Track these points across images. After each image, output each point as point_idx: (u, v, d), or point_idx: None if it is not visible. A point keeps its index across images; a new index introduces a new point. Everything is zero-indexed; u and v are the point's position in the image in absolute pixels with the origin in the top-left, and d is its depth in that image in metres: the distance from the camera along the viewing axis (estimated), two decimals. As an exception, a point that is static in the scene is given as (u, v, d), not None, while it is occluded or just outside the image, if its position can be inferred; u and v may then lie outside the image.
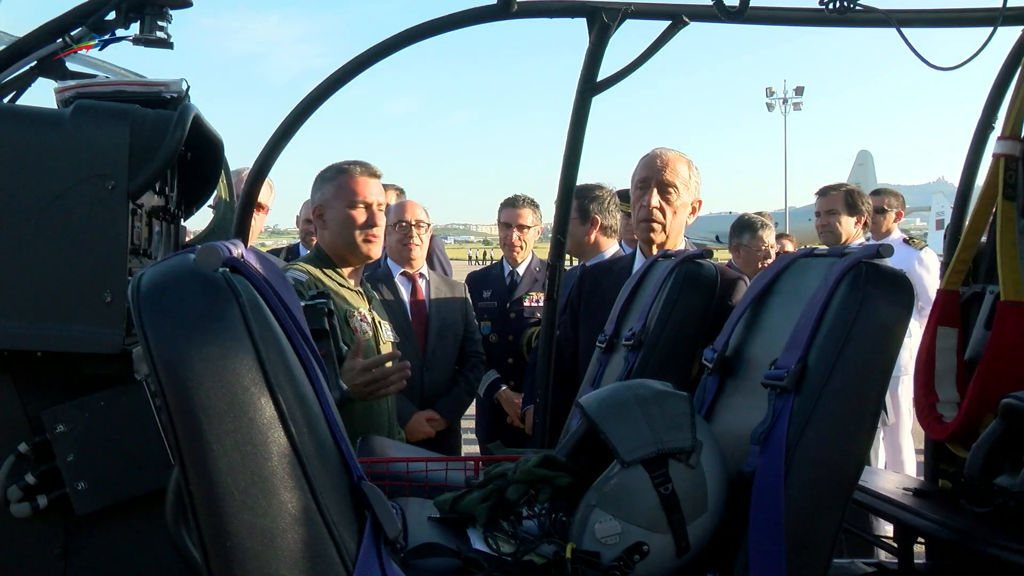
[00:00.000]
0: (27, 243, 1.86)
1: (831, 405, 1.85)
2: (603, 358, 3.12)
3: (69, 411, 1.91)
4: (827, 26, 3.17)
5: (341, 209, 3.47)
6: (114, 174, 1.88)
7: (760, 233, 6.26)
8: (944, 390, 2.84)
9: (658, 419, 1.91)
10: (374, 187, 3.53)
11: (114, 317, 1.86)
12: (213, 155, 2.44)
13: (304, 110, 2.90)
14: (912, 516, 2.43)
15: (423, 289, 4.84)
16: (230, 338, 1.29)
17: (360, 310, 3.51)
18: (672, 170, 3.48)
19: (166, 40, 2.34)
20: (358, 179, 3.50)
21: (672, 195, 3.47)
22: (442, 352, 4.75)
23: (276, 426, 1.31)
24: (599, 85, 3.38)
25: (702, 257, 2.91)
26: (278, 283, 1.54)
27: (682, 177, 3.47)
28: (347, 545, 1.36)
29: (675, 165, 3.49)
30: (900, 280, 1.91)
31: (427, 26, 2.92)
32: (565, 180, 3.65)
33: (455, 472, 2.67)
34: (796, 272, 2.23)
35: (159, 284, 1.32)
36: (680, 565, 1.87)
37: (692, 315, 2.80)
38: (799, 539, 1.81)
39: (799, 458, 1.83)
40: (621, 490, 1.85)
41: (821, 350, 1.87)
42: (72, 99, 2.03)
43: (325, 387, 1.51)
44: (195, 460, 1.27)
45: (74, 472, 1.91)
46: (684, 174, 3.48)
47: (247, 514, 1.27)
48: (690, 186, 3.50)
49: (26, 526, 1.94)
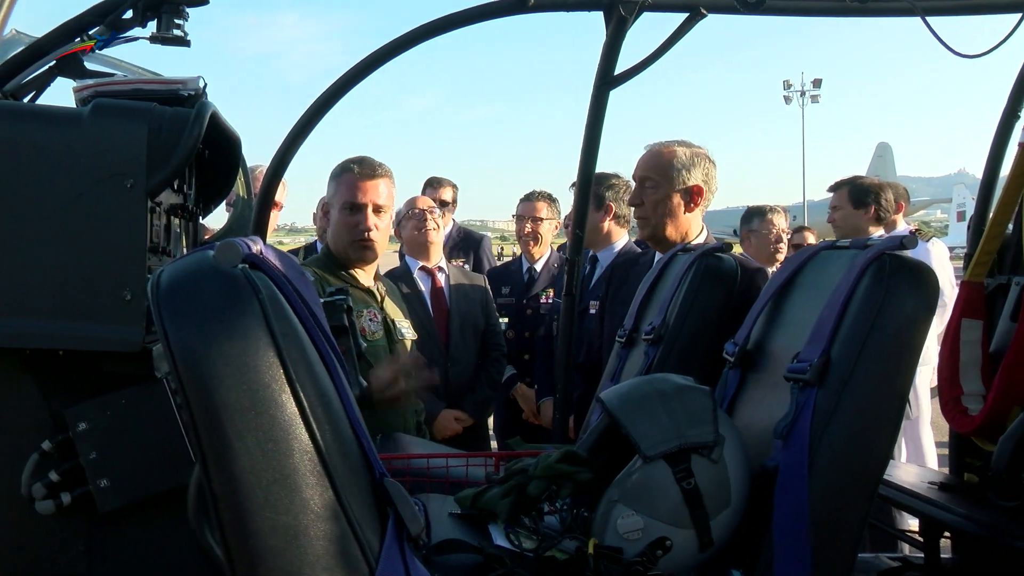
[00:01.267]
0: (47, 242, 1.87)
1: (855, 398, 1.83)
2: (623, 353, 3.10)
3: (91, 409, 1.92)
4: (848, 16, 3.13)
5: (338, 210, 3.47)
6: (133, 172, 1.89)
7: (769, 216, 6.22)
8: (969, 383, 2.81)
9: (680, 414, 1.89)
10: (371, 188, 3.46)
11: (134, 315, 1.86)
12: (231, 152, 2.44)
13: (321, 107, 2.90)
14: (938, 510, 2.41)
15: (443, 283, 4.79)
16: (250, 335, 1.29)
17: (370, 309, 3.50)
18: (645, 164, 3.45)
19: (183, 38, 2.33)
20: (355, 181, 3.46)
21: (648, 188, 3.42)
22: (464, 346, 4.72)
23: (298, 423, 1.30)
24: (616, 79, 3.36)
25: (722, 251, 2.89)
26: (297, 279, 1.54)
27: (658, 168, 3.40)
28: (370, 542, 1.35)
29: (651, 158, 3.45)
30: (924, 272, 1.89)
31: (444, 21, 2.91)
32: (583, 175, 3.63)
33: (475, 468, 2.67)
34: (818, 265, 2.21)
35: (179, 281, 1.32)
36: (703, 560, 1.86)
37: (712, 309, 2.78)
38: (824, 534, 1.80)
39: (823, 452, 1.82)
40: (643, 485, 1.84)
41: (844, 343, 1.85)
42: (90, 98, 2.03)
43: (346, 383, 1.51)
44: (216, 458, 1.27)
45: (97, 470, 1.91)
46: (662, 165, 3.40)
47: (269, 511, 1.27)
48: (673, 175, 3.38)
49: (50, 523, 1.95)
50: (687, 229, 3.44)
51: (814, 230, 7.76)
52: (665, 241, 3.45)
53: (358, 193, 3.44)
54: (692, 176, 3.38)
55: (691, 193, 3.39)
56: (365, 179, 3.46)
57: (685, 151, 3.41)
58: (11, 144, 1.88)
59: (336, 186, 3.50)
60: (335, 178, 3.51)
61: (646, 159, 3.46)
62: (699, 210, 3.44)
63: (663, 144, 3.47)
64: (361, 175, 3.47)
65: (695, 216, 3.44)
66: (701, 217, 3.49)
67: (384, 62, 2.90)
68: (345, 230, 3.45)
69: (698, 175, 3.39)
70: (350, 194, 3.44)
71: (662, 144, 3.48)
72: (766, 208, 6.31)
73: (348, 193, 3.45)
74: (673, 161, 3.39)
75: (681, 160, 3.38)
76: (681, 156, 3.39)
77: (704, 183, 3.41)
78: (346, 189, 3.46)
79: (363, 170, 3.48)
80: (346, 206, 3.44)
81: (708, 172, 3.43)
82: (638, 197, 3.45)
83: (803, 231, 7.66)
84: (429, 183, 6.41)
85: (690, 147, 3.44)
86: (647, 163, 3.45)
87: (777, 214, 6.29)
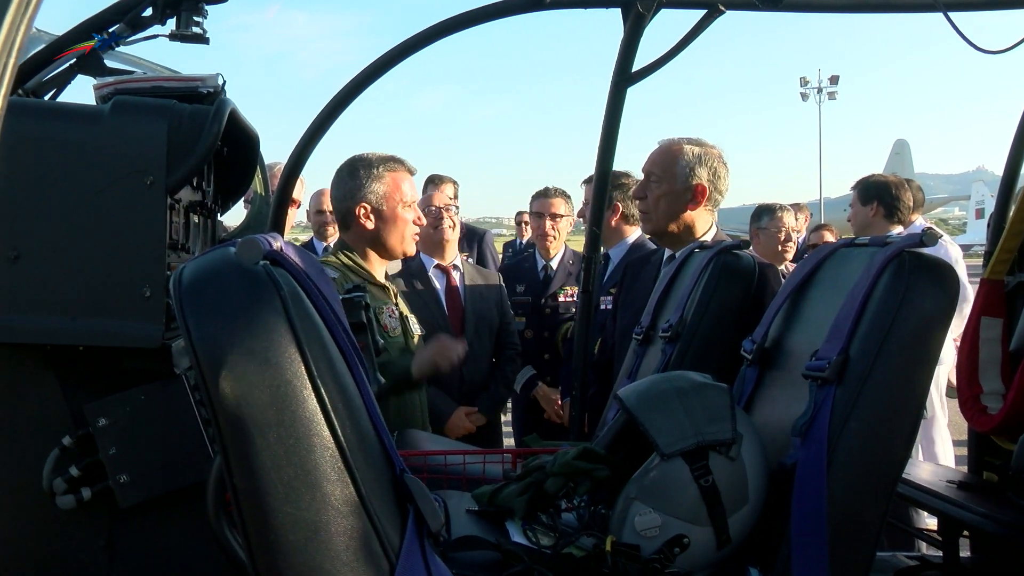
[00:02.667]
0: (67, 239, 1.88)
1: (874, 397, 1.82)
2: (639, 350, 3.09)
3: (111, 405, 1.93)
4: (868, 12, 3.11)
5: (395, 207, 3.49)
6: (152, 169, 1.90)
7: (779, 215, 6.20)
8: (988, 381, 2.79)
9: (698, 411, 1.89)
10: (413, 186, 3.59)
11: (153, 311, 1.88)
12: (249, 149, 2.45)
13: (338, 105, 2.91)
14: (957, 509, 2.40)
15: (458, 281, 4.76)
16: (272, 331, 1.29)
17: (388, 305, 3.52)
18: (653, 159, 3.46)
19: (202, 36, 2.34)
20: (409, 179, 3.54)
21: (652, 183, 3.43)
22: (479, 345, 4.66)
23: (319, 419, 1.31)
24: (634, 76, 3.36)
25: (739, 248, 2.88)
26: (317, 276, 1.54)
27: (664, 164, 3.41)
28: (390, 538, 1.35)
29: (659, 154, 3.46)
30: (945, 269, 1.87)
31: (462, 18, 2.91)
32: (600, 172, 3.63)
33: (493, 465, 2.67)
34: (837, 262, 2.19)
35: (201, 278, 1.32)
36: (721, 558, 1.86)
37: (730, 306, 2.77)
38: (842, 532, 1.79)
39: (841, 450, 1.81)
40: (661, 483, 1.84)
41: (863, 341, 1.84)
42: (111, 95, 2.04)
43: (366, 380, 1.51)
44: (238, 453, 1.27)
45: (116, 465, 1.93)
46: (667, 161, 3.40)
47: (290, 507, 1.27)
48: (676, 172, 3.38)
49: (71, 518, 1.97)
50: (690, 226, 3.42)
51: (833, 228, 7.73)
52: (667, 236, 3.46)
53: (414, 191, 3.58)
54: (697, 174, 3.37)
55: (694, 191, 3.38)
56: (411, 176, 3.60)
57: (694, 149, 3.39)
58: (32, 141, 1.89)
59: (389, 182, 3.52)
60: (380, 176, 3.51)
61: (654, 154, 3.47)
62: (703, 208, 3.42)
63: (674, 140, 3.47)
64: (408, 172, 3.59)
65: (699, 214, 3.42)
66: (709, 215, 3.48)
67: (401, 59, 2.91)
68: (406, 225, 3.53)
69: (704, 174, 3.37)
70: (409, 191, 3.55)
71: (672, 140, 3.48)
72: (775, 206, 6.30)
73: (407, 191, 3.54)
74: (679, 158, 3.38)
75: (688, 158, 3.38)
76: (688, 154, 3.38)
77: (710, 182, 3.39)
78: (404, 187, 3.54)
79: (407, 168, 3.59)
80: (406, 203, 3.52)
81: (716, 172, 3.41)
82: (642, 190, 3.46)
83: (821, 229, 7.63)
84: (431, 180, 6.42)
85: (701, 146, 3.43)
86: (654, 158, 3.46)
87: (787, 212, 6.27)
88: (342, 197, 3.52)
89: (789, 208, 6.41)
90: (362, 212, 3.47)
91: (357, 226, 3.51)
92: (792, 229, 6.25)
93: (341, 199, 3.52)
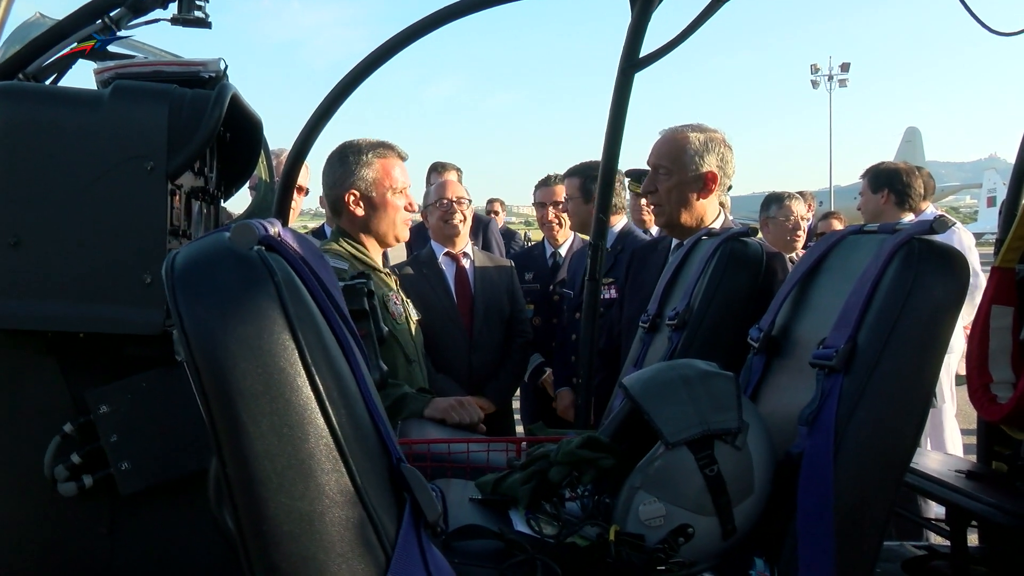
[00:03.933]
0: (67, 224, 1.87)
1: (882, 386, 1.79)
2: (646, 338, 3.08)
3: (112, 392, 1.93)
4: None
5: (384, 194, 3.48)
6: (153, 154, 1.88)
7: (788, 203, 6.17)
8: (999, 370, 2.76)
9: (703, 400, 1.87)
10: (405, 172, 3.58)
11: (154, 298, 1.87)
12: (252, 135, 2.44)
13: (344, 90, 2.88)
14: (965, 499, 2.37)
15: (468, 269, 4.73)
16: (265, 317, 1.27)
17: (393, 292, 3.51)
18: (659, 151, 3.44)
19: (204, 20, 2.32)
20: (400, 165, 3.53)
21: (661, 176, 3.41)
22: (489, 333, 4.65)
23: (313, 407, 1.29)
24: (641, 62, 3.33)
25: (747, 235, 2.85)
26: (315, 262, 1.52)
27: (671, 155, 3.39)
28: (386, 528, 1.34)
29: (664, 145, 3.43)
30: (955, 257, 1.84)
31: (467, 3, 2.87)
32: (607, 159, 3.60)
33: (497, 453, 2.66)
34: (845, 249, 2.17)
35: (193, 263, 1.30)
36: (726, 548, 1.84)
37: (737, 294, 2.75)
38: (849, 522, 1.77)
39: (849, 440, 1.78)
40: (666, 472, 1.82)
41: (872, 329, 1.82)
42: (111, 80, 2.03)
43: (364, 368, 1.49)
44: (231, 442, 1.25)
45: (118, 452, 1.92)
46: (675, 151, 3.38)
47: (284, 497, 1.26)
48: (686, 162, 3.36)
49: (73, 505, 1.97)
50: (702, 215, 3.41)
51: (841, 216, 7.69)
52: (680, 227, 3.44)
53: (404, 176, 3.57)
54: (706, 162, 3.35)
55: (705, 180, 3.37)
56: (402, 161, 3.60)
57: (699, 136, 3.37)
58: (32, 126, 1.88)
59: (378, 168, 3.52)
60: (369, 162, 3.52)
61: (659, 145, 3.44)
62: (714, 195, 3.41)
63: (676, 130, 3.44)
64: (400, 158, 3.60)
65: (710, 201, 3.42)
66: (718, 201, 3.46)
67: (406, 44, 2.88)
68: (397, 212, 3.53)
69: (712, 160, 3.36)
70: (400, 177, 3.55)
71: (675, 130, 3.45)
72: (784, 195, 6.28)
73: (398, 177, 3.54)
74: (687, 147, 3.36)
75: (695, 146, 3.36)
76: (695, 142, 3.36)
77: (719, 168, 3.37)
78: (395, 173, 3.53)
79: (398, 153, 3.59)
80: (396, 189, 3.52)
81: (723, 157, 3.40)
82: (652, 184, 3.43)
83: (830, 217, 7.59)
84: (434, 168, 6.42)
85: (704, 131, 3.40)
86: (660, 150, 3.43)
87: (796, 200, 6.24)
88: (332, 184, 3.51)
89: (799, 196, 6.38)
90: (351, 199, 3.47)
91: (347, 213, 3.50)
92: (801, 217, 6.22)
93: (331, 186, 3.52)
